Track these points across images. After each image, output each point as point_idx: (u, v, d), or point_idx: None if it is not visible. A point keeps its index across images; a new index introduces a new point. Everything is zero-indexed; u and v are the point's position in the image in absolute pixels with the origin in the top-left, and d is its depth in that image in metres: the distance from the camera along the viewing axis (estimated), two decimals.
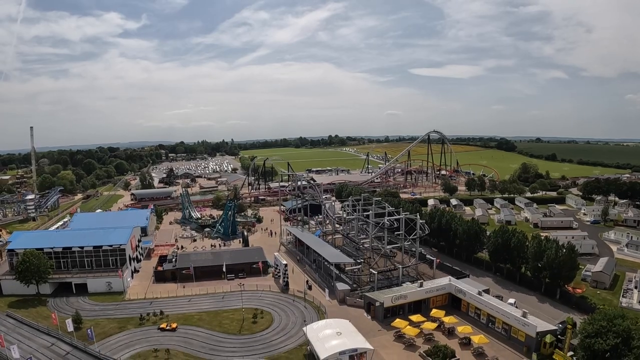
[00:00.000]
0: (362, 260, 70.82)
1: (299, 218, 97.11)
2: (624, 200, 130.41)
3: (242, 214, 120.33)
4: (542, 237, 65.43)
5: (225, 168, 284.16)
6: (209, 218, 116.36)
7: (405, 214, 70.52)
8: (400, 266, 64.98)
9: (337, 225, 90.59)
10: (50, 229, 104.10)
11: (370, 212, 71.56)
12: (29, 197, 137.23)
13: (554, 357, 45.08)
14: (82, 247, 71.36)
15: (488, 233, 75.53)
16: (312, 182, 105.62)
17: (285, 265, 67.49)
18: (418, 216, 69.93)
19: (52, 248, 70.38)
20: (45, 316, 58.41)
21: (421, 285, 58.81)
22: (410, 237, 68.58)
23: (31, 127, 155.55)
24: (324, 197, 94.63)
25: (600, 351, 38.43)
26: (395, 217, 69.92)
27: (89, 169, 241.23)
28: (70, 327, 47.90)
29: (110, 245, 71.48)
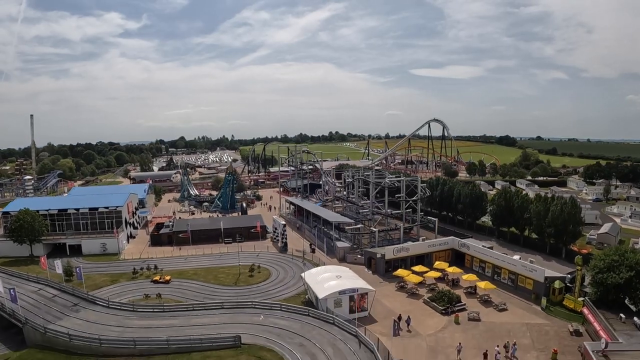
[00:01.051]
0: (362, 223, 69.24)
1: (299, 191, 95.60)
2: (626, 183, 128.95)
3: (242, 193, 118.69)
4: (547, 193, 63.84)
5: (225, 159, 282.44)
6: (208, 195, 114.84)
7: (406, 178, 69.07)
8: (401, 224, 63.38)
9: (338, 189, 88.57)
10: None
11: (371, 174, 69.92)
12: (27, 177, 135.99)
13: (564, 302, 43.47)
14: (77, 209, 69.84)
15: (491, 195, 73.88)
16: (311, 161, 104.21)
17: (284, 225, 65.99)
18: (419, 178, 68.44)
19: (47, 210, 68.88)
20: (37, 272, 56.74)
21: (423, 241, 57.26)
22: (412, 199, 67.04)
23: (31, 115, 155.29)
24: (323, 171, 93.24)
25: (613, 285, 36.91)
26: (396, 178, 68.39)
27: (89, 160, 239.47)
28: (59, 268, 46.29)
29: (107, 207, 69.98)
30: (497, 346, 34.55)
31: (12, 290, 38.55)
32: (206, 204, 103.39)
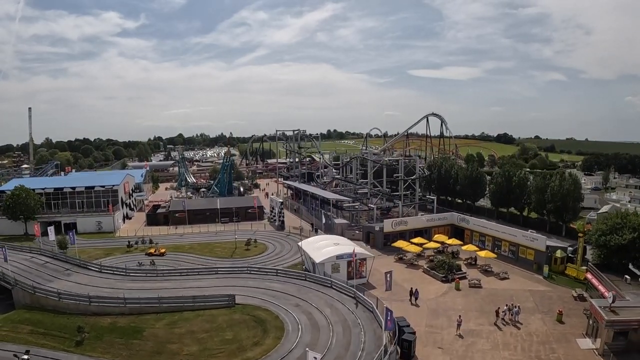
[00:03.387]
0: (360, 201, 68.39)
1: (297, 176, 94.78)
2: (625, 175, 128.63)
3: (240, 182, 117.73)
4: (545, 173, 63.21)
5: (223, 155, 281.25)
6: (205, 183, 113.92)
7: (404, 157, 68.36)
8: (400, 202, 62.59)
9: (335, 172, 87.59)
10: None
11: (369, 153, 69.03)
12: (25, 166, 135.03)
13: (566, 272, 42.76)
14: (73, 188, 68.89)
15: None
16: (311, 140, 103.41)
17: (281, 203, 65.18)
18: (417, 158, 67.69)
19: (43, 189, 67.89)
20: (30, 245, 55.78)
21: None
22: (410, 178, 66.27)
23: (29, 108, 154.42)
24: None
25: (616, 247, 36.17)
26: (394, 158, 67.61)
27: (87, 153, 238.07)
28: (52, 235, 45.29)
29: (103, 186, 69.02)
30: (506, 305, 33.82)
31: (3, 249, 37.54)
32: (203, 190, 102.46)
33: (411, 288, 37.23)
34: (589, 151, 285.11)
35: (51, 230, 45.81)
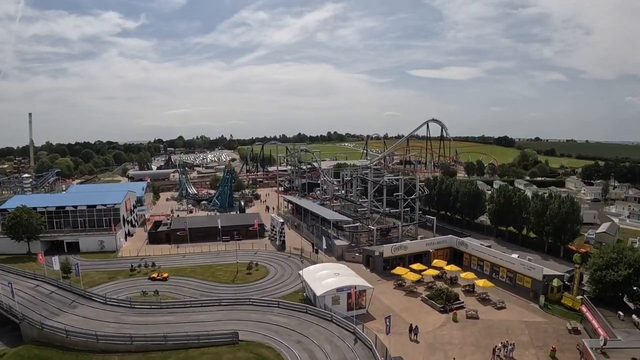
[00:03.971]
0: (360, 221, 69.13)
1: (297, 189, 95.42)
2: (624, 184, 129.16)
3: (240, 192, 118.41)
4: (544, 193, 63.85)
5: (224, 159, 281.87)
6: (206, 194, 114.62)
7: (404, 176, 69.02)
8: (400, 223, 63.30)
9: (336, 187, 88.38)
10: None
11: (369, 172, 69.78)
12: (26, 175, 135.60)
13: (562, 301, 43.47)
14: (75, 207, 69.59)
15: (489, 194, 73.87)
16: (310, 154, 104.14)
17: (282, 223, 65.86)
18: (417, 176, 68.40)
19: (45, 207, 68.64)
20: (34, 269, 56.41)
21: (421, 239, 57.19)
22: (410, 197, 66.94)
23: (30, 114, 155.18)
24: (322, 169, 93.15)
25: (611, 282, 36.87)
26: (394, 177, 68.32)
27: (87, 158, 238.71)
28: (56, 265, 45.97)
29: (104, 205, 69.73)
30: (501, 343, 34.54)
31: (10, 285, 38.26)
32: (204, 202, 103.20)
33: (410, 325, 37.76)
34: (589, 155, 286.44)
35: (55, 260, 46.43)
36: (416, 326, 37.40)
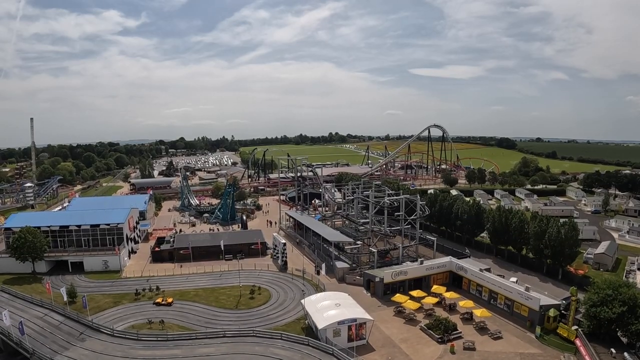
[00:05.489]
0: (361, 241, 69.95)
1: (298, 204, 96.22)
2: (625, 193, 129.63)
3: (242, 202, 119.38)
4: (543, 217, 64.46)
5: (225, 162, 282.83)
6: (208, 205, 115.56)
7: (406, 196, 69.73)
8: (400, 245, 64.13)
9: (338, 199, 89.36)
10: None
11: (370, 192, 70.53)
12: (28, 184, 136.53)
13: (558, 331, 44.32)
14: (79, 226, 70.60)
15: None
16: (310, 168, 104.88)
17: (284, 244, 66.62)
18: (418, 197, 69.14)
19: (49, 227, 69.63)
20: (40, 292, 57.33)
21: (422, 263, 57.98)
22: (411, 217, 67.71)
23: (31, 119, 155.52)
24: (323, 182, 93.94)
25: (606, 320, 37.70)
26: (395, 197, 69.06)
27: (89, 162, 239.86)
28: (64, 296, 46.97)
29: (108, 224, 70.72)
30: None
31: (20, 324, 39.21)
32: (206, 215, 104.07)
33: None
34: (590, 158, 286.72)
35: (63, 291, 47.44)
36: None
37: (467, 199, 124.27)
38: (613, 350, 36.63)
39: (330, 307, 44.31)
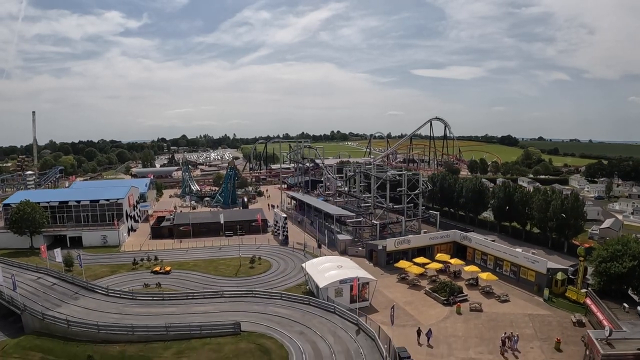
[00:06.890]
0: (363, 217, 68.90)
1: (300, 186, 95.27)
2: (628, 182, 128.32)
3: (243, 189, 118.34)
4: (547, 189, 63.38)
5: (227, 157, 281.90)
6: (209, 190, 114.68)
7: (408, 171, 68.76)
8: (403, 218, 63.08)
9: (339, 184, 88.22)
10: None
11: (372, 167, 69.56)
12: (29, 172, 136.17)
13: (566, 294, 43.16)
14: (78, 202, 69.75)
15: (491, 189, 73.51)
16: (313, 150, 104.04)
17: (285, 218, 65.69)
18: (420, 173, 68.14)
19: (48, 202, 68.76)
20: (37, 263, 56.48)
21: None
22: (413, 192, 66.70)
23: (33, 112, 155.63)
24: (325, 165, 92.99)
25: (616, 275, 36.53)
26: (398, 172, 68.07)
27: (90, 157, 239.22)
28: (58, 256, 46.06)
29: (107, 200, 69.86)
30: (505, 333, 34.24)
31: (12, 277, 38.30)
32: (207, 199, 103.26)
33: (418, 328, 35.62)
34: (592, 154, 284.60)
35: (57, 252, 46.56)
36: (429, 329, 35.32)
37: None
38: (626, 305, 35.43)
39: (332, 268, 43.28)
